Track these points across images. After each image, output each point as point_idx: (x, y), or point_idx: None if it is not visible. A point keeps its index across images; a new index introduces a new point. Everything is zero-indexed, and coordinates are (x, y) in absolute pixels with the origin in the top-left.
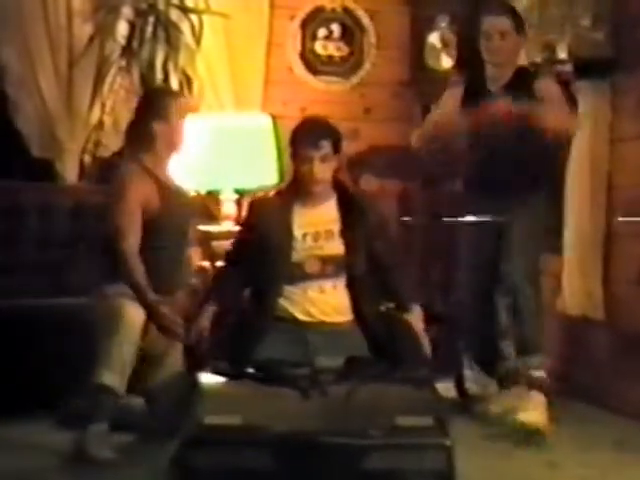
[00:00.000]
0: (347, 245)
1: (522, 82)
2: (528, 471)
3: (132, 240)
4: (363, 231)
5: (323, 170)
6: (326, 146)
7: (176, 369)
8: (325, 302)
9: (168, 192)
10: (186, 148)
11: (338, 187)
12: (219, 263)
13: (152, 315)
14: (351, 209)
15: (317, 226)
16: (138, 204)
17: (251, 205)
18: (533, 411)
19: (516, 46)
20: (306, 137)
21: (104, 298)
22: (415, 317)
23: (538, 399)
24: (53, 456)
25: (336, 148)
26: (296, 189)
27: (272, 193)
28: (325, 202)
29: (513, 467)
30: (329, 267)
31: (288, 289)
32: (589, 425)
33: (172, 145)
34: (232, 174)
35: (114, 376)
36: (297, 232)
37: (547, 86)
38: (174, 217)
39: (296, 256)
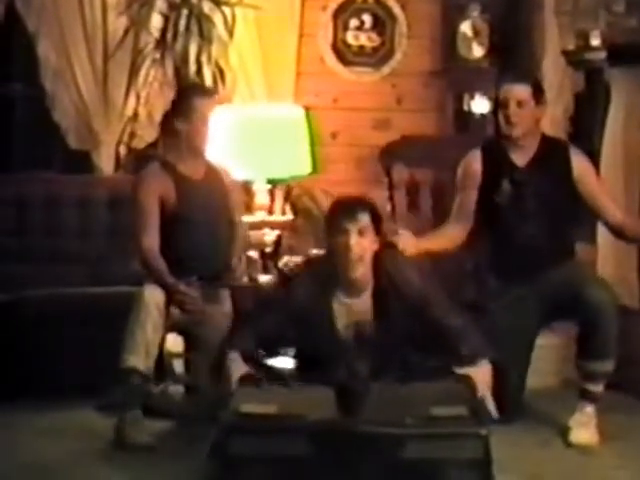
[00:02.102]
0: (381, 344)
1: (553, 155)
2: (564, 460)
3: (148, 237)
4: (399, 320)
5: (361, 245)
6: (364, 219)
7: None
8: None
9: (188, 186)
10: (218, 140)
11: (376, 271)
12: (251, 253)
13: (172, 294)
14: (386, 301)
15: (358, 316)
16: (154, 202)
17: (288, 289)
18: (584, 429)
19: (534, 116)
20: (343, 209)
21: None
22: (479, 372)
23: (589, 412)
24: (96, 441)
25: (376, 226)
26: (335, 277)
27: (309, 274)
28: (366, 290)
29: (549, 456)
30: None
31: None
32: (625, 415)
33: (193, 145)
34: (265, 164)
35: (138, 358)
36: (339, 324)
37: (586, 166)
38: (197, 209)
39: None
